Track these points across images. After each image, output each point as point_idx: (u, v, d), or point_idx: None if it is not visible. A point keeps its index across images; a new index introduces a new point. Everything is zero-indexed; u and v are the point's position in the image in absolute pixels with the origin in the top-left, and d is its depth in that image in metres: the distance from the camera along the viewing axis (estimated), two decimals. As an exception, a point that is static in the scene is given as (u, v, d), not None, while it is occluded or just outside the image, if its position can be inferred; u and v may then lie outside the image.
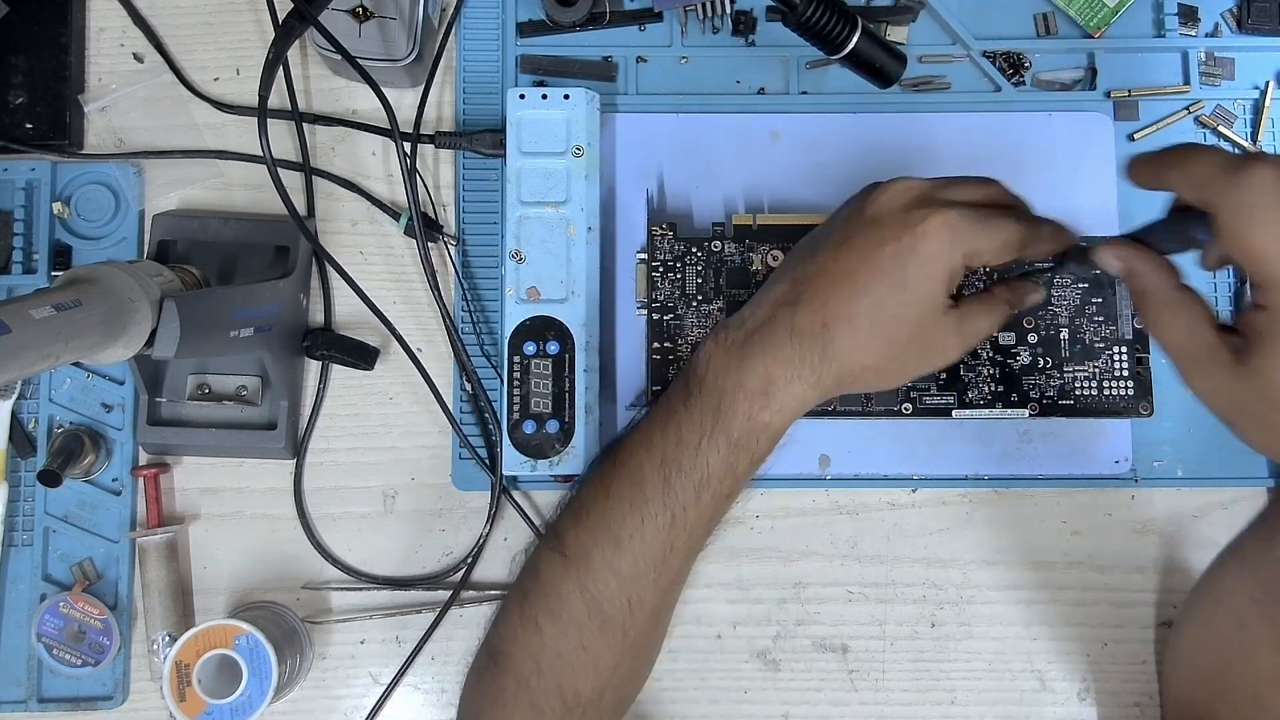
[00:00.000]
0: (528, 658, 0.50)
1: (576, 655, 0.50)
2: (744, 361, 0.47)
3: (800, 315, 0.46)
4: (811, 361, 0.46)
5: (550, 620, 0.50)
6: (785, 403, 0.47)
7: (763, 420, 0.47)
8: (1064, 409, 0.57)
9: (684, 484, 0.48)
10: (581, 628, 0.49)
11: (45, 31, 0.62)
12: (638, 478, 0.49)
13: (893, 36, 0.62)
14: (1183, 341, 0.41)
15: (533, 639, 0.50)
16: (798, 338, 0.46)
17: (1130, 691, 0.60)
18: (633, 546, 0.48)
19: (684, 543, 0.49)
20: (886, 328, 0.45)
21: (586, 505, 0.51)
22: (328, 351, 0.60)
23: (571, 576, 0.49)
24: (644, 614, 0.50)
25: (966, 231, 0.44)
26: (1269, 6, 0.63)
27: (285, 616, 0.59)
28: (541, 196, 0.58)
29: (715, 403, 0.47)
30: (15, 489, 0.61)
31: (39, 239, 0.61)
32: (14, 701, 0.59)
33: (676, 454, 0.48)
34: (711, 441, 0.47)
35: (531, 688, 0.50)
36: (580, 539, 0.50)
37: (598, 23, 0.63)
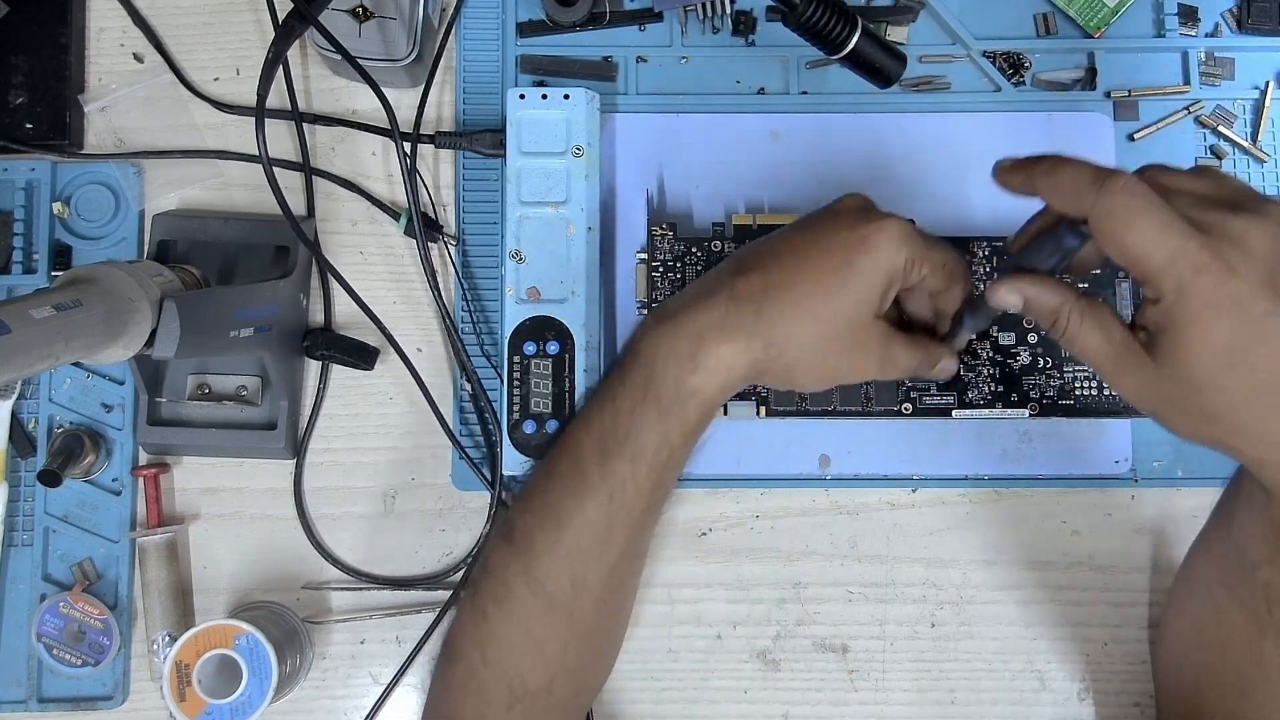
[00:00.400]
0: (474, 647, 0.51)
1: (523, 642, 0.50)
2: (677, 328, 0.48)
3: (740, 281, 0.47)
4: (744, 323, 0.47)
5: (496, 607, 0.50)
6: (714, 366, 0.47)
7: (692, 384, 0.47)
8: (1064, 409, 0.57)
9: (619, 456, 0.48)
10: (527, 612, 0.49)
11: (45, 31, 0.62)
12: (576, 456, 0.49)
13: (893, 36, 0.62)
14: (1098, 346, 0.43)
15: (480, 628, 0.51)
16: (734, 300, 0.47)
17: (1130, 691, 0.60)
18: (573, 525, 0.49)
19: (625, 518, 0.49)
20: (823, 305, 0.47)
21: (531, 490, 0.51)
22: (328, 351, 0.60)
23: (516, 561, 0.50)
24: (589, 594, 0.50)
25: (916, 241, 0.47)
26: (1269, 6, 0.63)
27: (285, 616, 0.59)
28: (541, 196, 0.58)
29: (646, 373, 0.48)
30: (15, 489, 0.61)
31: (39, 239, 0.61)
32: (14, 701, 0.59)
33: (612, 427, 0.48)
34: (643, 410, 0.47)
35: (480, 677, 0.50)
36: (525, 523, 0.50)
37: (598, 23, 0.63)
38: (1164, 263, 0.39)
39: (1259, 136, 0.62)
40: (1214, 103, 0.63)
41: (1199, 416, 0.41)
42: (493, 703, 0.50)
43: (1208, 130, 0.63)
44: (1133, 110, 0.63)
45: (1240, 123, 0.63)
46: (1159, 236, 0.39)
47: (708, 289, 0.49)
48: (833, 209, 0.49)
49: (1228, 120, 0.62)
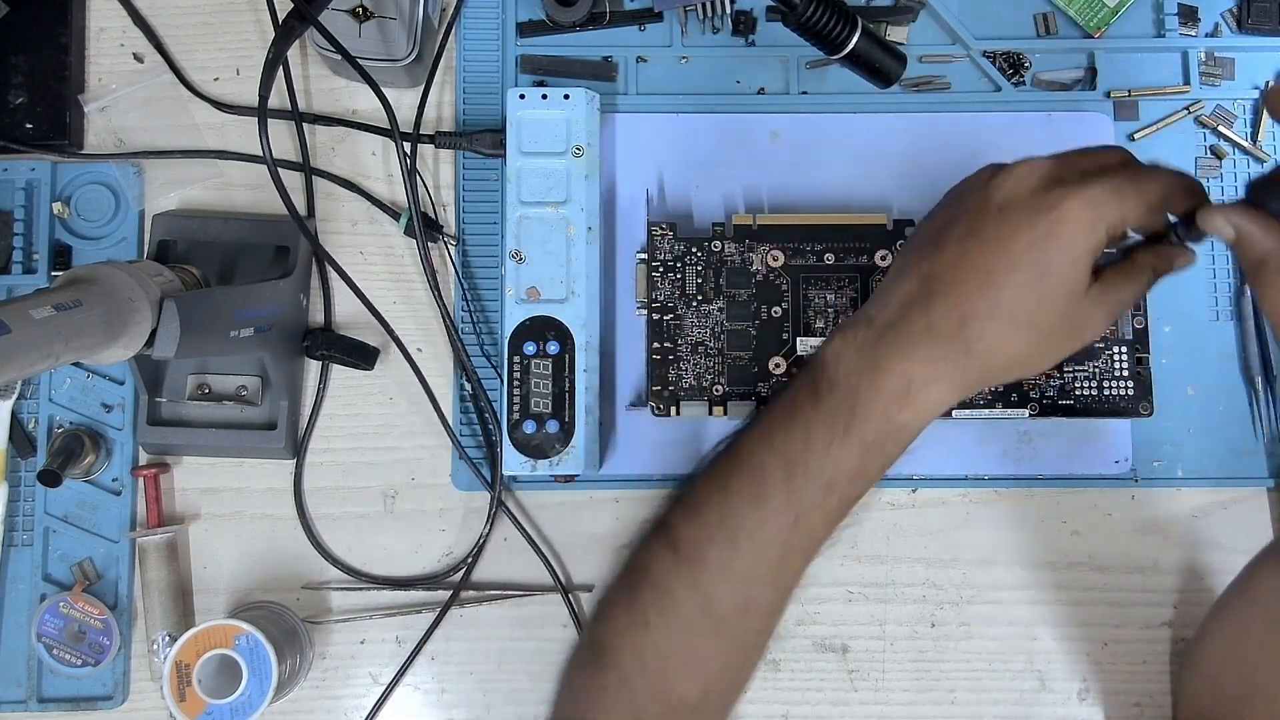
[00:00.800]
0: (633, 656, 0.48)
1: (683, 656, 0.47)
2: (878, 361, 0.44)
3: (936, 312, 0.43)
4: (954, 360, 0.43)
5: (660, 618, 0.47)
6: (925, 403, 0.44)
7: (901, 421, 0.44)
8: (1064, 409, 0.57)
9: (810, 485, 0.45)
10: (692, 628, 0.47)
11: (45, 31, 0.62)
12: (759, 476, 0.46)
13: (893, 36, 0.62)
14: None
15: (639, 637, 0.48)
16: (935, 337, 0.43)
17: (1130, 691, 0.60)
18: (751, 546, 0.46)
19: (804, 545, 0.46)
20: (1031, 317, 0.43)
21: (701, 501, 0.48)
22: (328, 351, 0.60)
23: (684, 574, 0.47)
24: (757, 617, 0.48)
25: (1108, 206, 0.41)
26: (1269, 6, 0.63)
27: (285, 616, 0.59)
28: (541, 196, 0.58)
29: (849, 404, 0.44)
30: (15, 489, 0.61)
31: (39, 239, 0.61)
32: (14, 701, 0.59)
33: (804, 454, 0.45)
34: (844, 443, 0.44)
35: (633, 687, 0.48)
36: (694, 535, 0.47)
37: (598, 23, 0.63)
38: None
39: (1259, 136, 0.62)
40: (1214, 103, 0.63)
41: None
42: (646, 714, 0.48)
43: (1208, 130, 0.63)
44: (1133, 110, 0.63)
45: (1240, 123, 0.63)
46: None
47: (899, 316, 0.44)
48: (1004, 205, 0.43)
49: (1228, 120, 0.62)
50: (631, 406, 0.61)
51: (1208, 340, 0.61)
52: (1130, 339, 0.58)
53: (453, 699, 0.60)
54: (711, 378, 0.58)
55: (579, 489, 0.61)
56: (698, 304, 0.58)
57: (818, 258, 0.58)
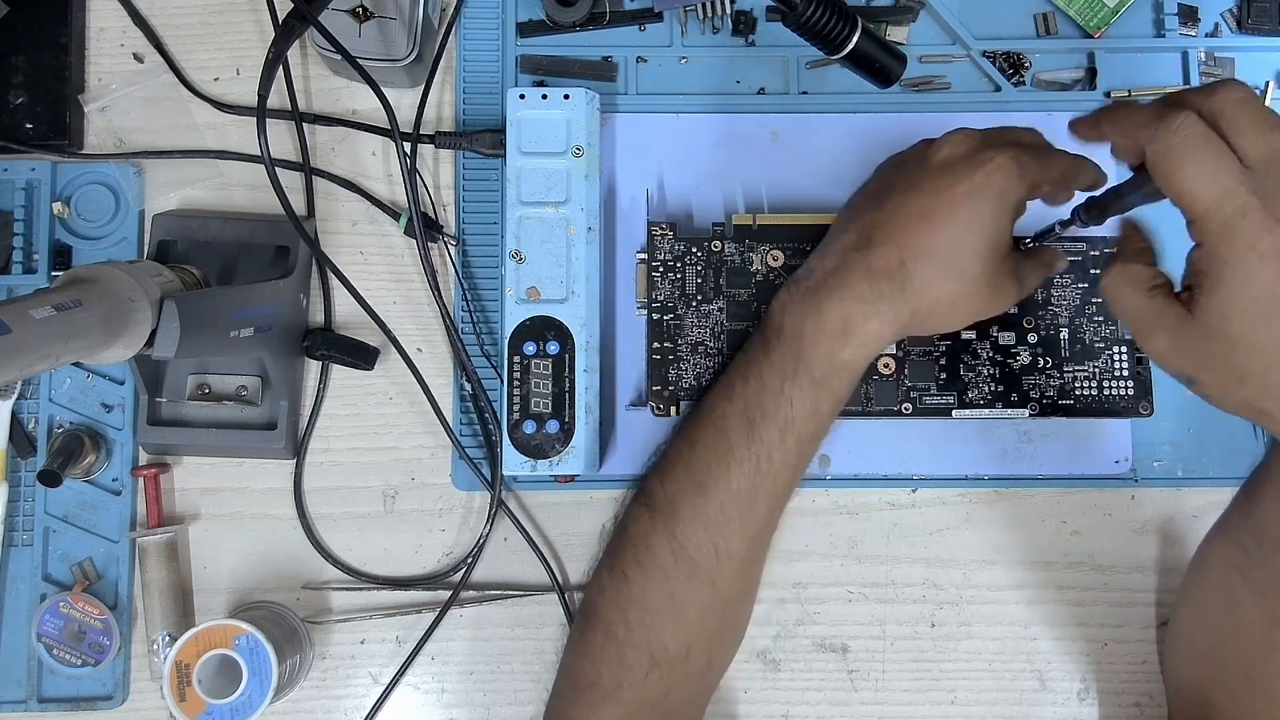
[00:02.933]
0: (615, 610, 0.51)
1: (664, 606, 0.50)
2: (820, 305, 0.48)
3: (874, 256, 0.48)
4: (890, 298, 0.47)
5: (638, 571, 0.51)
6: (864, 340, 0.48)
7: (843, 358, 0.48)
8: (1064, 409, 0.57)
9: (769, 428, 0.49)
10: (669, 577, 0.50)
11: (45, 31, 0.62)
12: (721, 426, 0.50)
13: (893, 36, 0.62)
14: (1133, 300, 0.43)
15: (621, 591, 0.51)
16: (874, 276, 0.47)
17: (1130, 691, 0.60)
18: (719, 493, 0.49)
19: (769, 487, 0.50)
20: (964, 262, 0.47)
21: (670, 458, 0.52)
22: (328, 351, 0.60)
23: (659, 527, 0.50)
24: (731, 562, 0.50)
25: (1030, 165, 0.47)
26: (1269, 6, 0.63)
27: (285, 616, 0.59)
28: (541, 196, 0.58)
29: (795, 347, 0.48)
30: (15, 489, 0.61)
31: (39, 239, 0.61)
32: (14, 701, 0.59)
33: (760, 399, 0.49)
34: (794, 384, 0.48)
35: (619, 640, 0.51)
36: (666, 490, 0.51)
37: (598, 23, 0.63)
38: (1211, 203, 0.38)
39: (1259, 136, 0.62)
40: (1214, 103, 0.63)
41: (1232, 376, 0.41)
42: (632, 667, 0.51)
43: (1208, 130, 0.63)
44: (1133, 110, 0.63)
45: (1240, 123, 0.63)
46: (1210, 176, 0.38)
47: (840, 264, 0.49)
48: (943, 162, 0.48)
49: (1228, 120, 0.62)
50: (631, 406, 0.61)
51: (1208, 340, 0.61)
52: (1130, 339, 0.58)
53: (453, 699, 0.60)
54: (712, 378, 0.58)
55: (579, 489, 0.61)
56: (698, 304, 0.58)
57: (818, 258, 0.58)
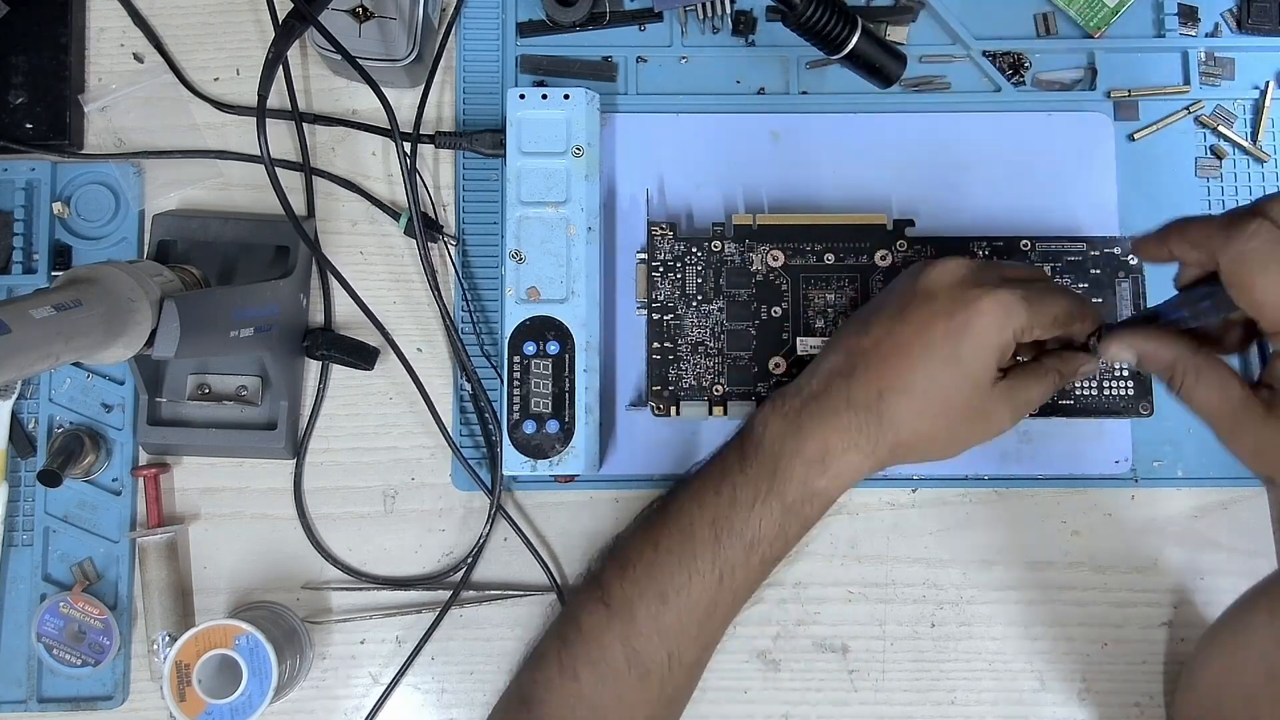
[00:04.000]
0: (563, 707, 0.50)
1: (613, 708, 0.50)
2: (801, 429, 0.48)
3: (856, 386, 0.47)
4: (868, 431, 0.47)
5: (589, 670, 0.50)
6: (841, 471, 0.48)
7: (818, 487, 0.48)
8: (1064, 409, 0.57)
9: (734, 544, 0.48)
10: (620, 680, 0.49)
11: (45, 31, 0.62)
12: (688, 534, 0.49)
13: (893, 36, 0.62)
14: (1215, 404, 0.42)
15: (570, 688, 0.50)
16: (853, 408, 0.47)
17: (1130, 691, 0.60)
18: (678, 602, 0.49)
19: (728, 602, 0.49)
20: (940, 399, 0.47)
21: (632, 558, 0.51)
22: (328, 351, 0.60)
23: (614, 628, 0.49)
24: (682, 669, 0.50)
25: (1017, 309, 0.46)
26: (1269, 6, 0.63)
27: (285, 616, 0.59)
28: (541, 196, 0.58)
29: (771, 467, 0.48)
30: (15, 489, 0.61)
31: (39, 239, 0.61)
32: (14, 701, 0.59)
33: (729, 514, 0.48)
34: (765, 504, 0.48)
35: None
36: (625, 590, 0.50)
37: (598, 23, 0.63)
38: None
39: (1259, 136, 0.62)
40: (1214, 103, 0.63)
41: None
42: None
43: (1208, 130, 0.63)
44: (1133, 110, 0.63)
45: (1240, 123, 0.63)
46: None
47: (824, 388, 0.48)
48: (927, 291, 0.48)
49: (1228, 120, 0.62)
50: (631, 406, 0.61)
51: (1208, 340, 0.61)
52: (1130, 339, 0.58)
53: (453, 699, 0.60)
54: (711, 378, 0.58)
55: (579, 489, 0.61)
56: (698, 304, 0.58)
57: (818, 258, 0.58)
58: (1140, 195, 0.62)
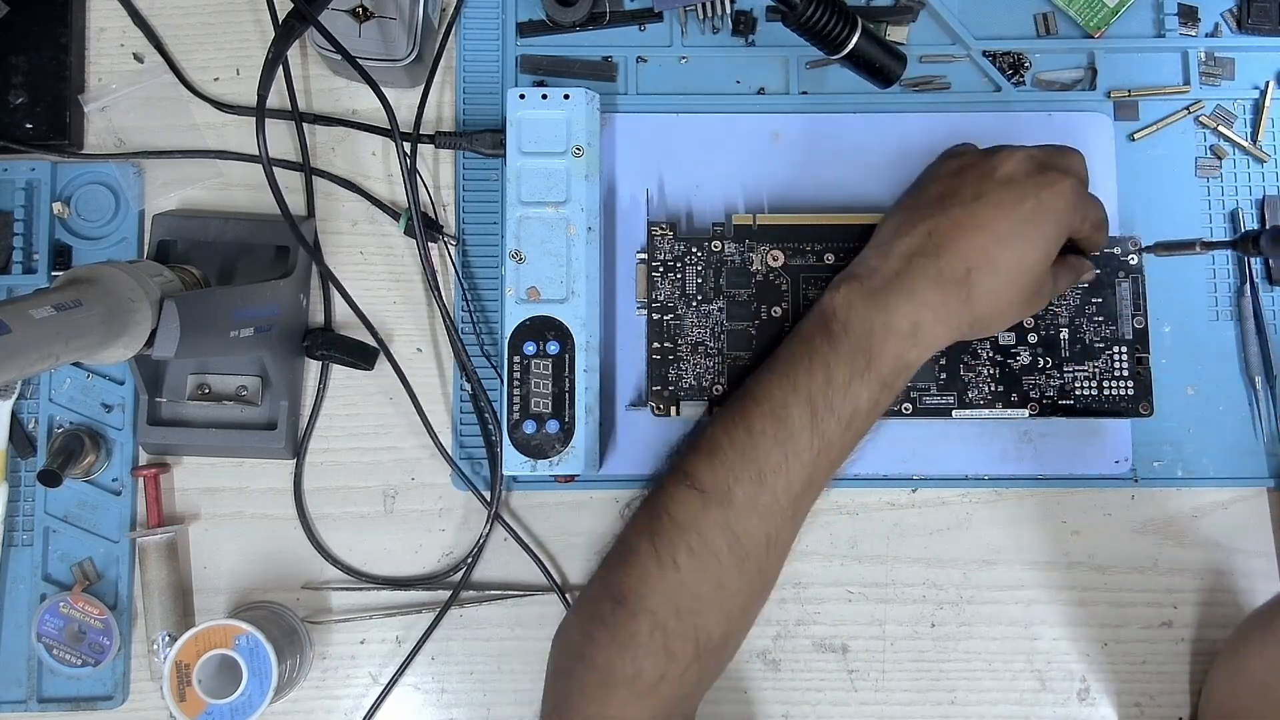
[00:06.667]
0: (664, 599, 0.49)
1: (714, 595, 0.49)
2: (889, 306, 0.49)
3: (944, 263, 0.50)
4: (955, 306, 0.50)
5: (689, 557, 0.49)
6: (929, 343, 0.50)
7: (909, 359, 0.50)
8: (1064, 409, 0.57)
9: (831, 421, 0.49)
10: (721, 565, 0.49)
11: (45, 31, 0.62)
12: (782, 415, 0.49)
13: (893, 36, 0.62)
14: None
15: (670, 579, 0.49)
16: (942, 284, 0.49)
17: (1130, 691, 0.60)
18: (775, 482, 0.49)
19: (821, 479, 0.51)
20: (1021, 276, 0.50)
21: (722, 443, 0.50)
22: (328, 351, 0.60)
23: (712, 513, 0.49)
24: (777, 550, 0.51)
25: (1085, 198, 0.51)
26: (1269, 6, 0.63)
27: (285, 616, 0.59)
28: (541, 196, 0.58)
29: (865, 344, 0.49)
30: (15, 489, 0.61)
31: (39, 239, 0.61)
32: (14, 701, 0.59)
33: (825, 392, 0.49)
34: (863, 380, 0.49)
35: (668, 630, 0.49)
36: (719, 475, 0.50)
37: (598, 23, 0.63)
38: None
39: (1259, 136, 0.62)
40: (1214, 103, 0.63)
41: None
42: (677, 658, 0.49)
43: (1208, 130, 0.63)
44: (1133, 110, 0.63)
45: (1240, 123, 0.63)
46: None
47: (907, 267, 0.50)
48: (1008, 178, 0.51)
49: (1228, 120, 0.62)
50: (631, 406, 0.61)
51: (1208, 340, 0.61)
52: (1130, 339, 0.58)
53: (453, 699, 0.60)
54: (711, 378, 0.58)
55: (579, 489, 0.61)
56: (698, 304, 0.58)
57: (818, 258, 0.58)
58: (1140, 195, 0.62)
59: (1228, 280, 0.62)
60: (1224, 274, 0.62)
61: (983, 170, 0.51)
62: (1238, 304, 0.62)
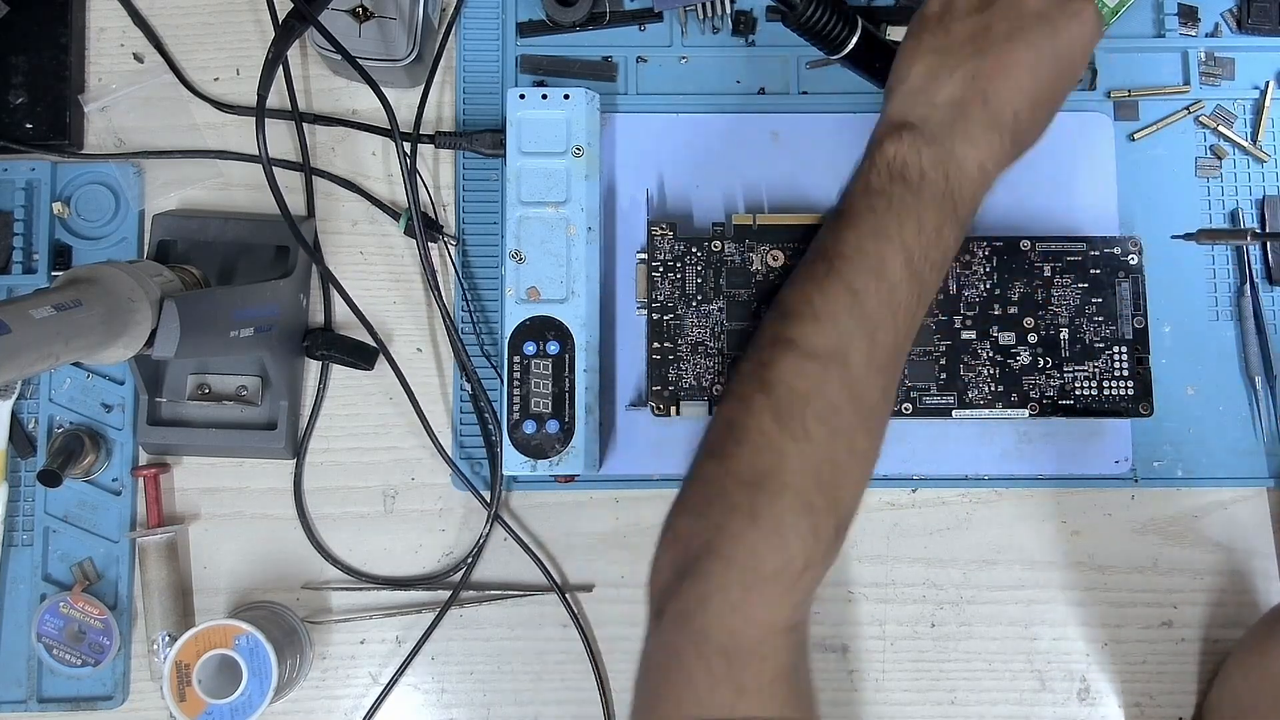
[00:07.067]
0: (805, 474, 0.46)
1: (849, 460, 0.48)
2: (954, 153, 0.50)
3: (993, 106, 0.50)
4: (1008, 145, 0.51)
5: (820, 426, 0.47)
6: (990, 180, 0.51)
7: (980, 199, 0.51)
8: (1064, 409, 0.57)
9: (927, 267, 0.49)
10: (852, 430, 0.48)
11: (45, 31, 0.62)
12: (881, 269, 0.49)
13: (893, 36, 0.62)
14: None
15: (806, 451, 0.46)
16: (996, 129, 0.50)
17: (1130, 691, 0.60)
18: (885, 338, 0.49)
19: (915, 328, 0.51)
20: (1059, 102, 0.52)
21: (821, 306, 0.49)
22: (328, 351, 0.60)
23: (833, 376, 0.47)
24: (888, 402, 0.50)
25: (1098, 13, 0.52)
26: (1269, 6, 0.63)
27: (285, 616, 0.59)
28: (541, 196, 0.58)
29: (944, 189, 0.49)
30: (15, 489, 0.61)
31: (39, 239, 0.61)
32: (14, 701, 0.59)
33: (918, 241, 0.49)
34: (950, 224, 0.50)
35: (814, 507, 0.46)
36: (830, 340, 0.48)
37: (598, 23, 0.63)
38: None
39: (1259, 136, 0.62)
40: (1214, 103, 0.63)
41: None
42: (822, 536, 0.46)
43: (1208, 130, 0.63)
44: (1133, 110, 0.63)
45: (1240, 123, 0.63)
46: None
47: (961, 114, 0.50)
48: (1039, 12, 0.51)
49: (1228, 120, 0.62)
50: (631, 406, 0.61)
51: (1208, 340, 0.61)
52: (1130, 339, 0.58)
53: (453, 699, 0.60)
54: (711, 378, 0.58)
55: (579, 489, 0.61)
56: (698, 304, 0.58)
57: (818, 258, 0.58)
58: (1140, 195, 0.62)
59: (1228, 280, 0.62)
60: (1224, 274, 0.62)
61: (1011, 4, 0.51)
62: (1238, 304, 0.62)
